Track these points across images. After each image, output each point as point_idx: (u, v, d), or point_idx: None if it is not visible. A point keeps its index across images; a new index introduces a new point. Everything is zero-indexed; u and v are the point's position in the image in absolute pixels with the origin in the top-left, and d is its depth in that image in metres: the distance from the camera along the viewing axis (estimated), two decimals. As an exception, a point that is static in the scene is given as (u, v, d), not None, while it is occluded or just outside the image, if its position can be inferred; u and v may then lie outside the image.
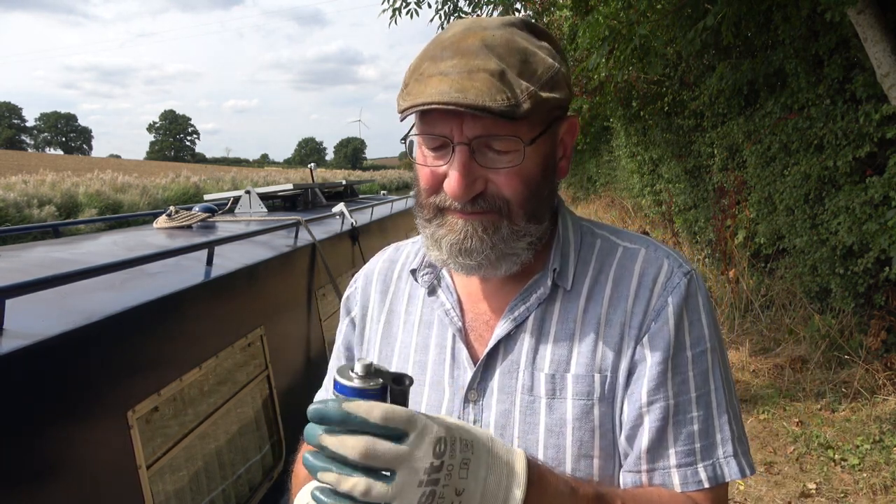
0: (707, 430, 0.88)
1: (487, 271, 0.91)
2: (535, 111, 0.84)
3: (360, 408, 0.65)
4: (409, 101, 0.84)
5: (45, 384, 1.40)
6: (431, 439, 0.66)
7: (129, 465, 1.60)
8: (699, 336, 0.90)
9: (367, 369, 0.70)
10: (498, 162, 0.86)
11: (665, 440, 0.88)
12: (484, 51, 0.85)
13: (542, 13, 8.89)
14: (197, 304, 2.18)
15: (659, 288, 0.91)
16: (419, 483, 0.65)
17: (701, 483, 0.87)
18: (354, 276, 1.15)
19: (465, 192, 0.85)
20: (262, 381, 2.59)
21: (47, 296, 1.62)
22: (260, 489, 2.37)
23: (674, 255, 0.95)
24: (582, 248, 0.97)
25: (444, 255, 0.91)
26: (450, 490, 0.67)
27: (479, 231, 0.88)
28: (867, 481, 3.75)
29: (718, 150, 7.12)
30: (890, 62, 3.94)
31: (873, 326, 4.78)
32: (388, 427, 0.65)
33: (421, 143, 0.91)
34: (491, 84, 0.81)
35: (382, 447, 0.64)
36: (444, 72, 0.84)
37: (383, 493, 0.64)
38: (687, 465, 0.88)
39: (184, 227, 3.74)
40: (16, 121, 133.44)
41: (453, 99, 0.80)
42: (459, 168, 0.84)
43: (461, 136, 0.85)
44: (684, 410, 0.88)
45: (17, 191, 20.64)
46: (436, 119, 0.86)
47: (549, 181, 0.93)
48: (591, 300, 0.93)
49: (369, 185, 27.93)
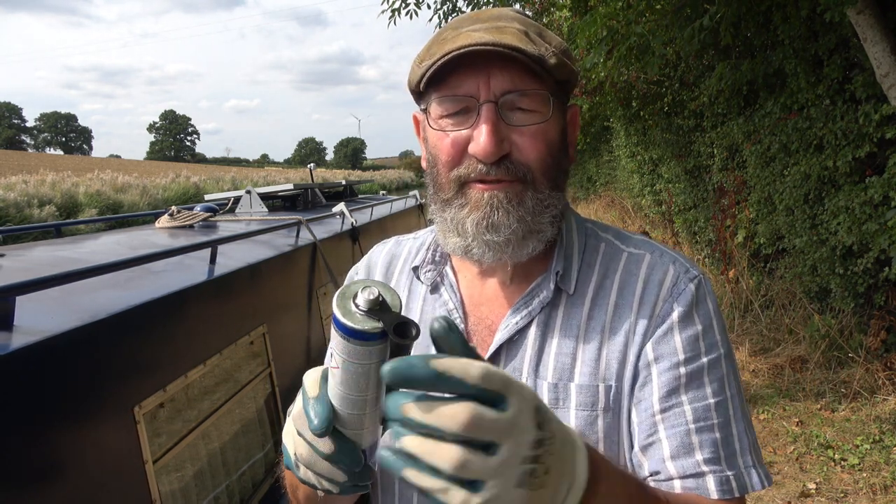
0: (727, 439, 0.85)
1: (514, 251, 0.88)
2: (557, 72, 0.86)
3: (455, 366, 0.53)
4: (440, 52, 0.83)
5: (54, 379, 1.42)
6: (531, 407, 0.56)
7: (135, 459, 1.62)
8: (713, 343, 0.88)
9: (373, 304, 0.60)
10: (523, 120, 0.85)
11: (690, 446, 0.84)
12: (504, 17, 0.88)
13: (541, 13, 8.90)
14: (201, 302, 2.19)
15: (664, 293, 0.89)
16: (522, 460, 0.55)
17: (733, 492, 0.83)
18: (354, 268, 1.13)
19: (495, 147, 0.82)
20: (265, 378, 2.61)
21: (54, 294, 1.64)
22: (263, 485, 2.39)
23: (680, 261, 0.93)
24: (586, 250, 0.95)
25: (469, 237, 0.87)
26: (543, 469, 0.57)
27: (505, 203, 0.85)
28: (867, 481, 3.75)
29: (718, 150, 7.13)
30: (890, 62, 3.95)
31: (873, 326, 4.79)
32: (488, 390, 0.54)
33: (439, 115, 0.88)
34: (520, 37, 0.83)
35: (489, 416, 0.53)
36: (472, 29, 0.85)
37: (481, 470, 0.53)
38: (720, 471, 0.83)
39: (185, 227, 3.76)
40: (16, 121, 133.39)
41: (489, 40, 0.80)
42: (488, 125, 0.82)
43: (488, 92, 0.83)
44: (704, 417, 0.84)
45: (17, 191, 20.63)
46: (460, 78, 0.84)
47: (565, 156, 0.93)
48: (596, 306, 0.90)
49: (369, 185, 27.95)
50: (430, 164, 0.93)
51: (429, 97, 0.89)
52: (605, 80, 7.59)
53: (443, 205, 0.90)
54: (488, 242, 0.86)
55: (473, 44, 0.80)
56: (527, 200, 0.86)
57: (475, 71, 0.83)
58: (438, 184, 0.90)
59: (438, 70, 0.84)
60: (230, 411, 2.26)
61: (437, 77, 0.86)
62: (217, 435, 2.15)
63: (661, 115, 8.63)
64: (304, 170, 58.12)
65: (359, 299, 0.60)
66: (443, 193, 0.90)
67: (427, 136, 0.93)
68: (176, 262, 2.39)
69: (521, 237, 0.86)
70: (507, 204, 0.85)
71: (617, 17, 4.72)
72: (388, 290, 0.63)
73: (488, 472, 0.53)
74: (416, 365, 0.53)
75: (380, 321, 0.59)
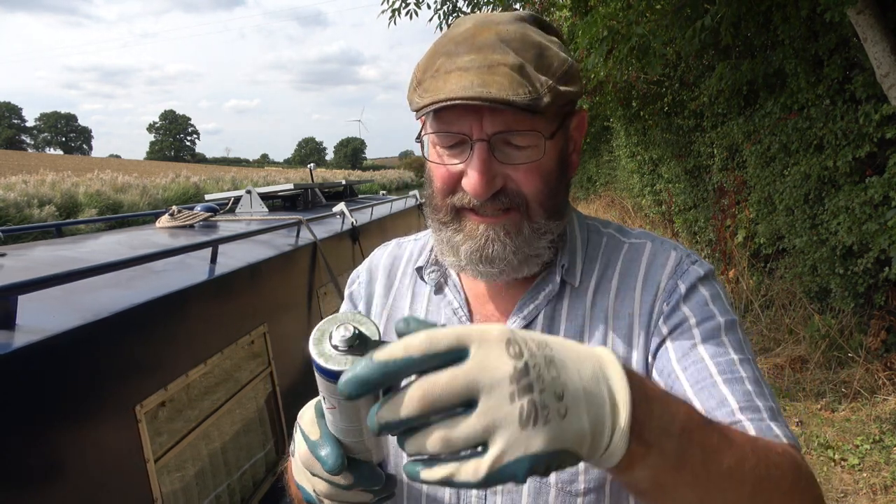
0: (762, 392, 0.79)
1: (509, 276, 0.89)
2: (554, 105, 0.84)
3: (395, 349, 0.50)
4: (430, 98, 0.82)
5: (56, 378, 1.42)
6: (497, 340, 0.50)
7: (137, 458, 1.62)
8: (724, 309, 0.86)
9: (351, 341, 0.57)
10: (517, 158, 0.84)
11: (721, 398, 0.77)
12: (500, 45, 0.83)
13: (541, 13, 8.90)
14: (202, 301, 2.19)
15: (668, 272, 0.89)
16: (510, 396, 0.48)
17: (789, 437, 0.75)
18: (356, 271, 1.12)
19: (485, 189, 0.83)
20: (266, 378, 2.61)
21: (56, 293, 1.64)
22: (263, 484, 2.39)
23: (681, 247, 0.94)
24: (589, 245, 0.96)
25: (463, 261, 0.88)
26: (550, 396, 0.50)
27: (501, 235, 0.85)
28: (867, 481, 3.75)
29: (718, 150, 7.13)
30: (890, 62, 3.95)
31: (873, 326, 4.79)
32: (441, 353, 0.50)
33: (435, 143, 0.88)
34: (512, 78, 0.80)
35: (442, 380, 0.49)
36: (462, 67, 0.82)
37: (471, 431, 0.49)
38: (758, 419, 0.76)
39: (186, 227, 3.76)
40: (15, 121, 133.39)
41: (476, 94, 0.78)
42: (479, 165, 0.82)
43: (480, 132, 0.83)
44: (731, 370, 0.79)
45: (17, 191, 20.62)
46: (453, 116, 0.84)
47: (565, 176, 0.92)
48: (599, 294, 0.91)
49: (369, 185, 27.94)
50: (428, 181, 0.93)
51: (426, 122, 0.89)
52: (605, 81, 7.59)
53: (439, 224, 0.91)
54: (481, 272, 0.87)
55: (460, 97, 0.79)
56: (524, 230, 0.86)
57: (467, 111, 0.82)
58: (434, 205, 0.91)
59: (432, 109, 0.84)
60: (231, 410, 2.26)
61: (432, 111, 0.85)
62: (218, 434, 2.15)
63: (661, 115, 8.63)
64: (304, 170, 58.05)
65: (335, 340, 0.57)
66: (439, 215, 0.90)
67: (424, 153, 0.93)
68: (177, 262, 2.39)
69: (515, 265, 0.87)
70: (503, 237, 0.85)
71: (617, 17, 4.72)
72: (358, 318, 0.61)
73: (479, 430, 0.48)
74: (361, 368, 0.50)
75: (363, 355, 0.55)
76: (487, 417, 0.48)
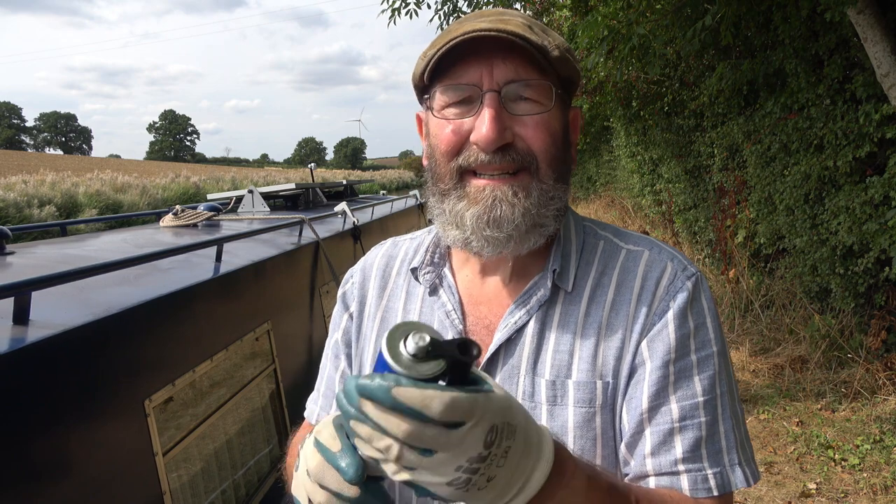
0: (713, 437, 0.85)
1: (516, 246, 0.87)
2: (560, 66, 0.86)
3: (415, 399, 0.57)
4: (441, 41, 0.85)
5: (68, 372, 1.44)
6: (485, 428, 0.60)
7: (146, 452, 1.64)
8: (705, 340, 0.87)
9: (424, 350, 0.60)
10: (527, 110, 0.85)
11: (671, 444, 0.84)
12: (508, 13, 0.89)
13: (542, 13, 8.91)
14: (208, 298, 2.21)
15: (662, 291, 0.88)
16: (457, 468, 0.60)
17: (710, 490, 0.83)
18: (349, 271, 1.11)
19: (497, 134, 0.82)
20: (270, 374, 2.63)
21: (67, 290, 1.66)
22: (268, 479, 2.41)
23: (678, 258, 0.93)
24: (584, 248, 0.95)
25: (468, 230, 0.87)
26: (483, 478, 0.62)
27: (510, 196, 0.85)
28: (867, 481, 3.76)
29: (718, 150, 7.14)
30: (890, 62, 3.96)
31: (873, 326, 4.80)
32: (447, 421, 0.58)
33: (440, 106, 0.89)
34: (525, 27, 0.84)
35: (430, 433, 0.58)
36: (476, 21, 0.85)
37: (415, 463, 0.59)
38: (696, 470, 0.84)
39: (189, 226, 3.78)
40: (15, 121, 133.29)
41: (495, 27, 0.81)
42: (490, 112, 0.82)
43: (491, 81, 0.84)
44: (690, 416, 0.84)
45: (17, 191, 20.62)
46: (463, 69, 0.85)
47: (568, 151, 0.93)
48: (594, 303, 0.90)
49: (369, 185, 27.97)
50: (430, 155, 0.93)
51: (432, 89, 0.90)
52: (605, 80, 7.61)
53: (441, 196, 0.90)
54: (488, 238, 0.86)
55: (477, 30, 0.81)
56: (532, 192, 0.86)
57: (478, 60, 0.84)
58: (437, 174, 0.90)
59: (443, 58, 0.85)
60: (236, 406, 2.28)
61: (440, 67, 0.87)
62: (223, 429, 2.17)
63: (661, 114, 8.64)
64: (304, 170, 58.02)
65: (409, 347, 0.60)
66: (441, 184, 0.90)
67: (429, 129, 0.93)
68: (183, 260, 2.41)
69: (523, 232, 0.86)
70: (512, 197, 0.85)
71: (617, 17, 4.74)
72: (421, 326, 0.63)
73: (420, 468, 0.60)
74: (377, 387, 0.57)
75: (438, 362, 0.60)
76: (431, 465, 0.59)
